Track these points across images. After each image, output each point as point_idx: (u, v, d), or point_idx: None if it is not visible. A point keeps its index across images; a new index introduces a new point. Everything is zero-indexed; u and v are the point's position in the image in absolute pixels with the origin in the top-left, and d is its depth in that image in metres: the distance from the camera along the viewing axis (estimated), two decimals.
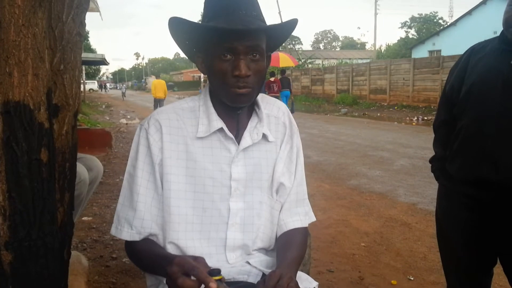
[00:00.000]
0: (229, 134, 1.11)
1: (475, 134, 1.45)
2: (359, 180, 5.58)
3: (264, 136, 1.15)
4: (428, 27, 43.79)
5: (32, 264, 1.20)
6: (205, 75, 1.20)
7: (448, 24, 30.33)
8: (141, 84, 69.46)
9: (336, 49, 71.33)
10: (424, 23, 45.93)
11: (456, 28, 25.15)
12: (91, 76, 43.24)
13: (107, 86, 60.26)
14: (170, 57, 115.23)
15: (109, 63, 19.21)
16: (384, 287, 2.69)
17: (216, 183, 1.09)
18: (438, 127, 1.70)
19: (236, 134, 1.13)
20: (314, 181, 5.41)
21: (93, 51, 31.31)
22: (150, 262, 1.05)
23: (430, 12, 48.10)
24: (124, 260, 2.89)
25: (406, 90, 17.40)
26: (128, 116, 16.45)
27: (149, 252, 1.06)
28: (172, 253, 1.09)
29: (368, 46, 64.02)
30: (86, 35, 29.71)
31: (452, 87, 1.59)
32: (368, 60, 26.17)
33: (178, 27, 1.08)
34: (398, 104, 17.49)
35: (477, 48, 1.57)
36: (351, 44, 71.29)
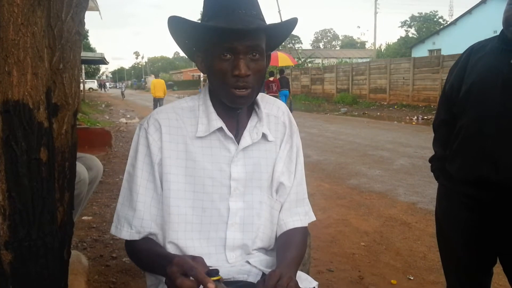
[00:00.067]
0: (228, 133, 1.10)
1: (475, 133, 1.45)
2: (359, 179, 5.58)
3: (264, 136, 1.14)
4: (428, 26, 43.78)
5: (32, 263, 1.20)
6: (204, 75, 1.20)
7: (448, 23, 30.30)
8: (140, 83, 69.42)
9: (336, 48, 71.36)
10: (424, 22, 45.93)
11: (456, 27, 25.15)
12: (90, 75, 43.26)
13: (106, 85, 60.18)
14: (170, 56, 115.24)
15: (108, 62, 19.19)
16: (384, 286, 2.69)
17: (216, 183, 1.09)
18: (437, 127, 1.70)
19: (235, 134, 1.12)
20: (313, 180, 5.41)
21: (92, 50, 31.30)
22: (150, 262, 1.05)
23: (430, 11, 48.19)
24: (124, 259, 2.89)
25: (406, 90, 17.39)
26: (128, 115, 16.45)
27: (148, 252, 1.06)
28: (172, 253, 1.09)
29: (368, 45, 64.09)
30: (86, 34, 29.68)
31: (452, 87, 1.58)
32: (368, 59, 26.11)
33: (178, 26, 1.08)
34: (398, 104, 17.48)
35: (476, 47, 1.56)
36: (351, 43, 71.30)
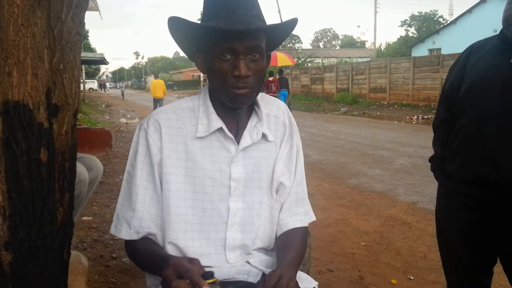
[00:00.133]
0: (228, 134, 1.10)
1: (475, 133, 1.45)
2: (359, 179, 5.58)
3: (264, 136, 1.14)
4: (428, 26, 43.78)
5: (32, 264, 1.20)
6: (204, 75, 1.20)
7: (448, 22, 30.31)
8: (140, 83, 69.40)
9: (336, 47, 71.36)
10: (424, 22, 45.93)
11: (456, 26, 25.13)
12: (91, 75, 43.27)
13: (106, 85, 60.17)
14: (170, 56, 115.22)
15: (108, 63, 19.21)
16: (384, 286, 2.69)
17: (216, 183, 1.09)
18: (437, 126, 1.70)
19: (235, 134, 1.12)
20: (314, 180, 5.41)
21: (92, 50, 31.32)
22: (149, 262, 1.05)
23: (430, 11, 48.16)
24: (124, 259, 2.89)
25: (406, 89, 17.38)
26: (128, 116, 16.45)
27: (147, 252, 1.06)
28: (172, 253, 1.09)
29: (368, 45, 64.05)
30: (86, 35, 29.69)
31: (452, 86, 1.58)
32: (368, 59, 26.08)
33: (178, 27, 1.08)
34: (398, 103, 17.47)
35: (476, 46, 1.56)
36: (351, 43, 71.29)
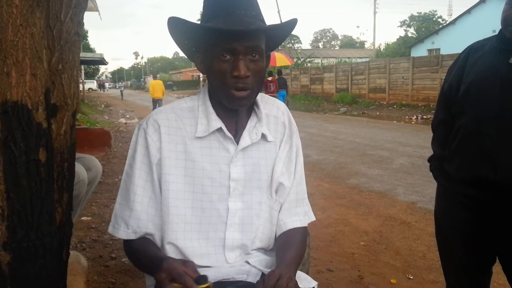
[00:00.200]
0: (228, 134, 1.10)
1: (474, 133, 1.45)
2: (358, 179, 5.58)
3: (263, 136, 1.14)
4: (427, 26, 43.82)
5: (31, 264, 1.20)
6: (204, 75, 1.20)
7: (447, 22, 30.32)
8: (140, 84, 69.38)
9: (335, 48, 71.44)
10: (423, 22, 45.97)
11: (455, 26, 25.16)
12: (90, 75, 43.31)
13: (105, 85, 60.14)
14: (169, 56, 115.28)
15: (107, 63, 19.21)
16: (383, 286, 2.69)
17: (215, 183, 1.09)
18: (436, 126, 1.70)
19: (235, 134, 1.12)
20: (313, 180, 5.41)
21: (92, 50, 31.32)
22: (145, 262, 1.05)
23: (429, 11, 48.14)
24: (123, 260, 2.89)
25: (405, 89, 17.40)
26: (127, 116, 16.44)
27: (144, 252, 1.06)
28: (171, 253, 1.09)
29: (367, 45, 64.08)
30: (85, 35, 29.70)
31: (451, 86, 1.58)
32: (367, 59, 26.11)
33: (177, 27, 1.08)
34: (397, 103, 17.48)
35: (475, 46, 1.55)
36: (350, 43, 71.34)
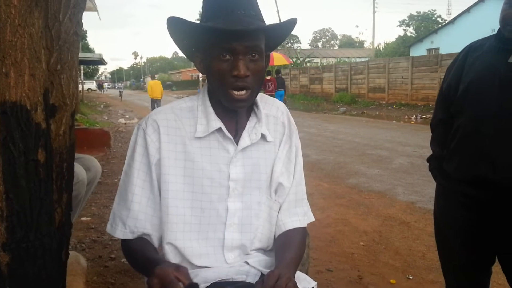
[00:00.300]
0: (227, 134, 1.10)
1: (473, 133, 1.45)
2: (357, 179, 5.58)
3: (263, 136, 1.14)
4: (426, 25, 43.82)
5: (30, 265, 1.20)
6: (203, 75, 1.19)
7: (447, 22, 30.28)
8: (139, 84, 69.34)
9: (335, 47, 71.43)
10: (423, 21, 45.98)
11: (454, 26, 25.15)
12: (89, 76, 43.27)
13: (105, 85, 60.08)
14: (169, 56, 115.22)
15: (107, 63, 19.20)
16: (383, 286, 2.69)
17: (214, 183, 1.09)
18: (435, 126, 1.70)
19: (234, 134, 1.12)
20: (312, 180, 5.41)
21: (91, 50, 31.31)
22: (141, 263, 1.05)
23: (429, 10, 48.14)
24: (122, 260, 2.89)
25: (405, 89, 17.40)
26: (127, 116, 16.43)
27: (141, 253, 1.06)
28: (170, 253, 1.09)
29: (366, 45, 64.07)
30: (84, 35, 29.69)
31: (449, 86, 1.58)
32: (366, 59, 26.13)
33: (177, 27, 1.07)
34: (397, 103, 17.48)
35: (474, 46, 1.56)
36: (349, 43, 71.32)
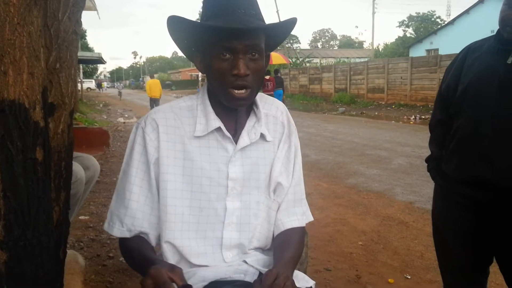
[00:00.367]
0: (226, 133, 1.10)
1: (471, 133, 1.45)
2: (356, 179, 5.58)
3: (262, 136, 1.14)
4: (425, 26, 43.86)
5: (27, 263, 1.19)
6: (203, 74, 1.19)
7: (446, 23, 30.31)
8: (138, 83, 69.30)
9: (334, 48, 71.49)
10: (422, 22, 46.02)
11: (453, 27, 25.18)
12: (88, 75, 43.19)
13: (103, 84, 59.97)
14: (168, 55, 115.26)
15: (106, 62, 19.17)
16: (381, 285, 2.70)
17: (213, 183, 1.09)
18: (434, 127, 1.70)
19: (234, 134, 1.12)
20: (311, 180, 5.41)
21: (90, 50, 31.24)
22: (137, 262, 1.06)
23: (428, 11, 48.17)
24: (121, 259, 2.89)
25: (404, 89, 17.42)
26: (126, 115, 16.42)
27: (138, 252, 1.06)
28: (168, 252, 1.09)
29: (366, 45, 64.20)
30: (84, 34, 29.66)
31: (448, 86, 1.58)
32: (366, 59, 26.14)
33: (177, 26, 1.07)
34: (396, 103, 17.50)
35: (473, 46, 1.56)
36: (349, 43, 71.38)
